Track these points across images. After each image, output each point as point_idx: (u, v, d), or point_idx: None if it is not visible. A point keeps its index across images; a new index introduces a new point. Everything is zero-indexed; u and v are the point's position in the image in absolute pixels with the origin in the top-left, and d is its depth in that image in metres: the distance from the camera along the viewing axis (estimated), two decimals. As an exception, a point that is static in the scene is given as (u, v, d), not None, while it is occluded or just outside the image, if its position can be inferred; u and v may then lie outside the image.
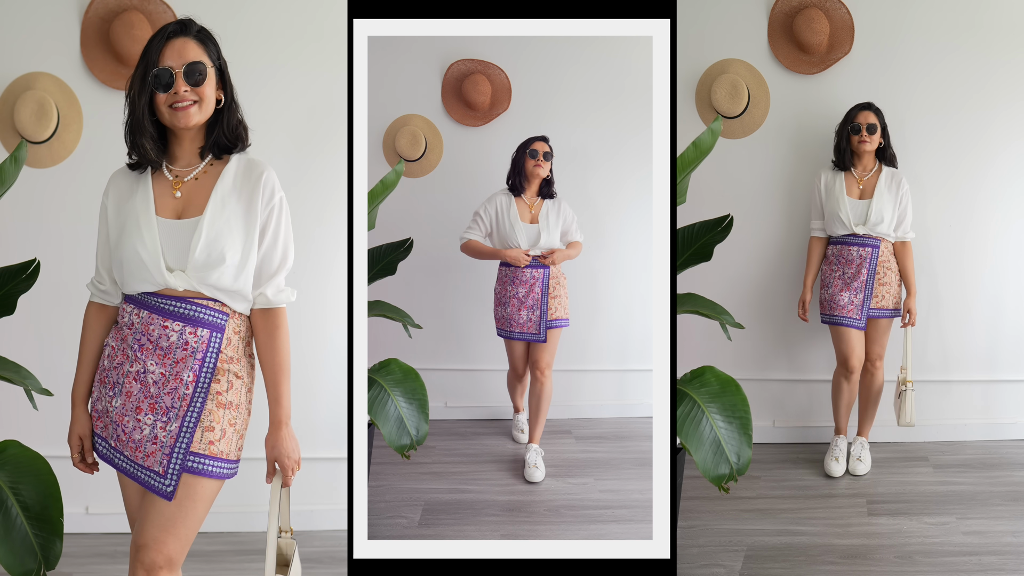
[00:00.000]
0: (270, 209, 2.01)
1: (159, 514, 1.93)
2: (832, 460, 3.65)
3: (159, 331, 1.95)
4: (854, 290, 3.56)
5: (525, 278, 3.30)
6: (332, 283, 3.34)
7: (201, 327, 1.96)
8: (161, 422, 1.94)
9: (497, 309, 3.38)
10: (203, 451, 1.94)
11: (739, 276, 3.99)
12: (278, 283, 2.05)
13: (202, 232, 1.93)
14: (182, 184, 1.99)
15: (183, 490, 1.93)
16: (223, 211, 1.96)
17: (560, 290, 3.35)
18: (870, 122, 3.56)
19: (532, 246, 3.28)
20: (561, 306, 3.35)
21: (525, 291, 3.30)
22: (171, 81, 1.92)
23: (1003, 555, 2.92)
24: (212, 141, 2.01)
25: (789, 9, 3.89)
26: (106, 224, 2.02)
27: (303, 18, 3.31)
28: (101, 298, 2.06)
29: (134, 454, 1.95)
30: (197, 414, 1.94)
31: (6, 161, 2.52)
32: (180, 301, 1.95)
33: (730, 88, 3.85)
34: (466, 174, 3.46)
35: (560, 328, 3.33)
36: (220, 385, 1.98)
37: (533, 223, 3.28)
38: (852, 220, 3.55)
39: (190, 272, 1.94)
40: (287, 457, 2.02)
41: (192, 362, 1.95)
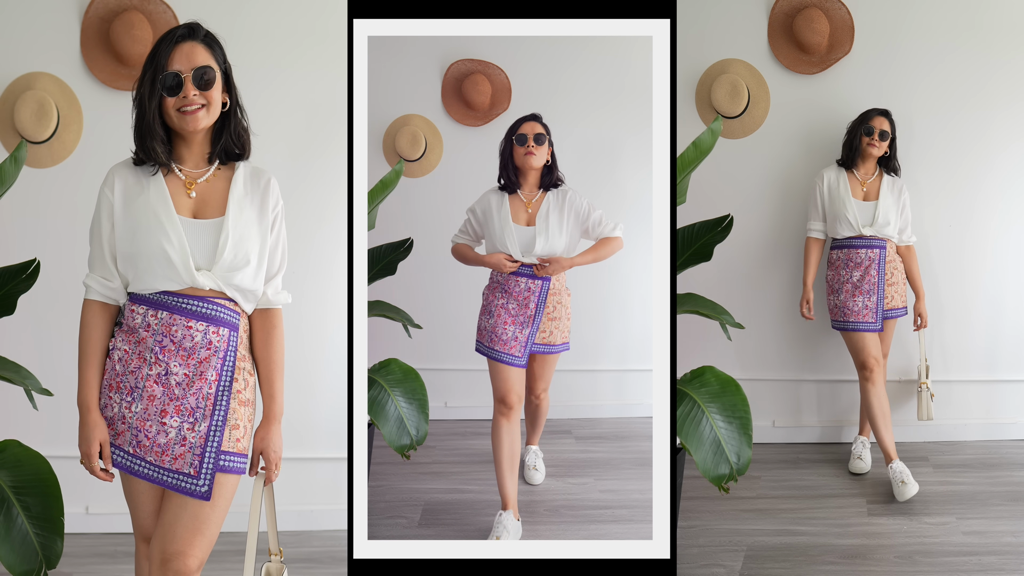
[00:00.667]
0: (275, 214, 2.06)
1: (192, 518, 1.94)
2: (856, 459, 3.68)
3: (183, 332, 1.95)
4: (866, 293, 3.52)
5: (518, 289, 2.82)
6: (332, 283, 3.34)
7: (222, 326, 1.99)
8: (188, 423, 1.95)
9: (481, 318, 2.91)
10: (232, 448, 1.98)
11: (739, 276, 3.99)
12: (277, 284, 2.11)
13: (228, 233, 1.96)
14: (195, 185, 2.00)
15: (216, 489, 1.95)
16: (242, 215, 2.00)
17: (560, 311, 2.88)
18: (883, 128, 3.55)
19: (526, 252, 2.80)
20: (559, 330, 2.88)
21: (517, 305, 2.83)
22: (180, 85, 1.92)
23: (1003, 555, 2.92)
24: (220, 147, 2.02)
25: (789, 9, 3.89)
26: (111, 218, 1.97)
27: (303, 19, 3.31)
28: (106, 296, 1.99)
29: (160, 459, 1.94)
30: (224, 413, 1.97)
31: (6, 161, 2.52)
32: (203, 301, 1.97)
33: (730, 88, 3.84)
34: (466, 174, 3.45)
35: (557, 354, 2.94)
36: (239, 384, 2.02)
37: (529, 225, 2.81)
38: (859, 221, 3.53)
39: (216, 272, 1.96)
40: (274, 452, 2.05)
41: (215, 361, 1.97)
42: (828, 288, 3.65)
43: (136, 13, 3.20)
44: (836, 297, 3.59)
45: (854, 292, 3.53)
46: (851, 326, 3.54)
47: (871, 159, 3.59)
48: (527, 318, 2.80)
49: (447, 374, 3.55)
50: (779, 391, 4.06)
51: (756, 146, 3.94)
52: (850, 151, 3.59)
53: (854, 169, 3.60)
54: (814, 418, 4.06)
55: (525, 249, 2.80)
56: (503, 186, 2.87)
